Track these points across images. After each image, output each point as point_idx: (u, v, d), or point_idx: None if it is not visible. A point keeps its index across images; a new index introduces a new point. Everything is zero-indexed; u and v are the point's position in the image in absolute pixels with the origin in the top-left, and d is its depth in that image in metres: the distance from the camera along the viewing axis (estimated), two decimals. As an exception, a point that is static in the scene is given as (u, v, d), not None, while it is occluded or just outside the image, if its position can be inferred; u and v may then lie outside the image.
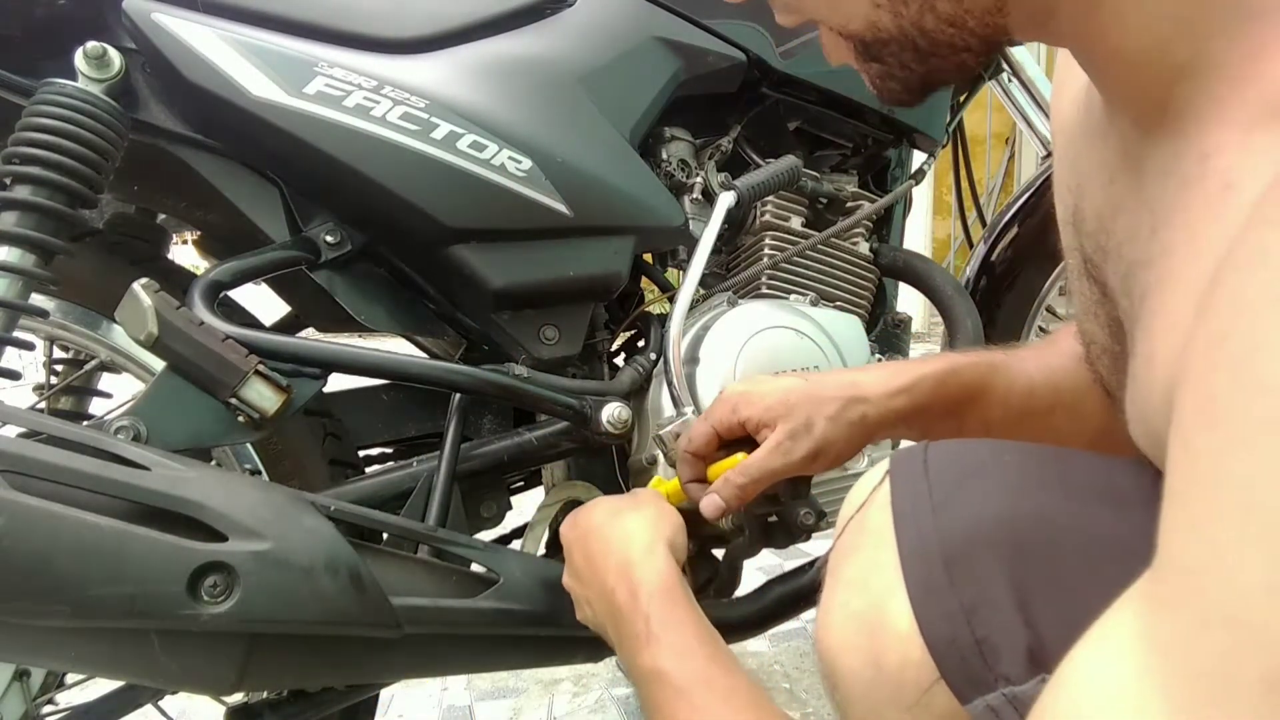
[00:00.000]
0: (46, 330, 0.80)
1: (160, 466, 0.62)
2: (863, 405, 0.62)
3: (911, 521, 0.49)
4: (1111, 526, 0.45)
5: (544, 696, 1.37)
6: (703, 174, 0.93)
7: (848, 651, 0.48)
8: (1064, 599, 0.43)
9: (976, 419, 0.64)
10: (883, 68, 0.41)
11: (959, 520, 0.47)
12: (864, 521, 0.53)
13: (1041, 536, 0.46)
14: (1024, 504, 0.47)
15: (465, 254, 0.79)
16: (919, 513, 0.49)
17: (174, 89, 0.74)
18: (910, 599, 0.45)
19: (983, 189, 3.39)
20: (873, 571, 0.49)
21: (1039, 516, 0.47)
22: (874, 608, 0.47)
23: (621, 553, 0.59)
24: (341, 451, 0.88)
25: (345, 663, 0.71)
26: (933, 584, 0.45)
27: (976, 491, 0.49)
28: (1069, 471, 0.51)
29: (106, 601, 0.58)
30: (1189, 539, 0.25)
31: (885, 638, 0.46)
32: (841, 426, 0.62)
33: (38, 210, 0.66)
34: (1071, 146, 0.45)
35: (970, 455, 0.53)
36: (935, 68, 0.39)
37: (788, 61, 0.94)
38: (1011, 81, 1.23)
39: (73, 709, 0.85)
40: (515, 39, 0.83)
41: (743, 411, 0.64)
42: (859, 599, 0.49)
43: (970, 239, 1.38)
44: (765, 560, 1.69)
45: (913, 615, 0.45)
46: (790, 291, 0.98)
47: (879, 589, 0.47)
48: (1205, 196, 0.31)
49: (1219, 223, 0.29)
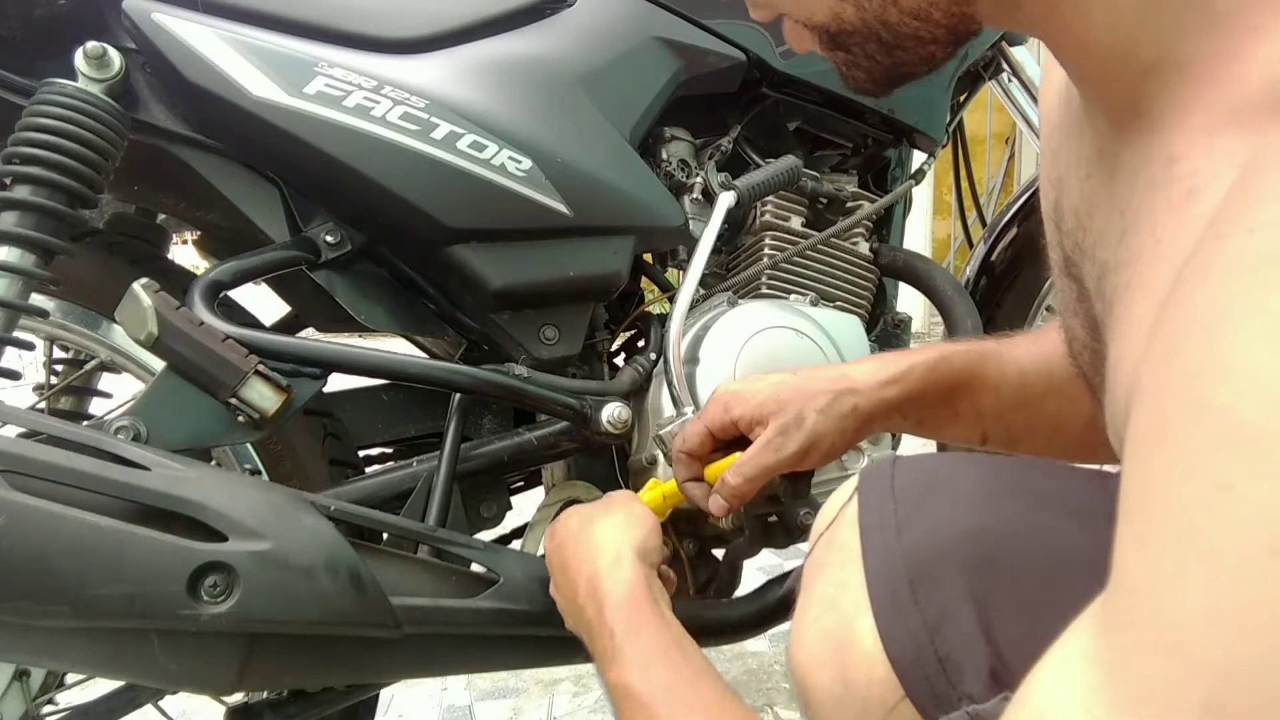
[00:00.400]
0: (46, 330, 0.80)
1: (160, 466, 0.62)
2: (854, 396, 0.62)
3: (877, 539, 0.50)
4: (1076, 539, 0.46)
5: (544, 696, 1.37)
6: (703, 174, 0.93)
7: (817, 668, 0.49)
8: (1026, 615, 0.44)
9: (969, 406, 0.64)
10: (848, 57, 0.40)
11: (923, 538, 0.48)
12: (833, 538, 0.53)
13: (1005, 552, 0.46)
14: (988, 520, 0.48)
15: (465, 254, 0.79)
16: (884, 530, 0.50)
17: (174, 89, 0.74)
18: (875, 617, 0.46)
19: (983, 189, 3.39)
20: (840, 589, 0.50)
21: (1002, 532, 0.47)
22: (842, 625, 0.48)
23: (590, 565, 0.58)
24: (341, 451, 0.88)
25: (345, 663, 0.71)
26: (897, 602, 0.46)
27: (941, 508, 0.50)
28: (1036, 484, 0.52)
29: (106, 601, 0.58)
30: (1135, 559, 0.25)
31: (852, 655, 0.47)
32: (833, 419, 0.62)
33: (38, 210, 0.66)
34: (1053, 138, 0.45)
35: (936, 470, 0.54)
36: (901, 60, 0.39)
37: (788, 61, 0.94)
38: (1011, 81, 1.23)
39: (73, 709, 0.85)
40: (515, 39, 0.83)
41: (735, 410, 0.64)
42: (828, 616, 0.50)
43: (970, 239, 1.38)
44: (765, 560, 1.69)
45: (878, 633, 0.46)
46: (790, 291, 0.98)
47: (846, 607, 0.48)
48: (1169, 202, 0.30)
49: (1182, 229, 0.29)
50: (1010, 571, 0.46)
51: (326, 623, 0.64)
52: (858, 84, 0.42)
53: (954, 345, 0.65)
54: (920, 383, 0.63)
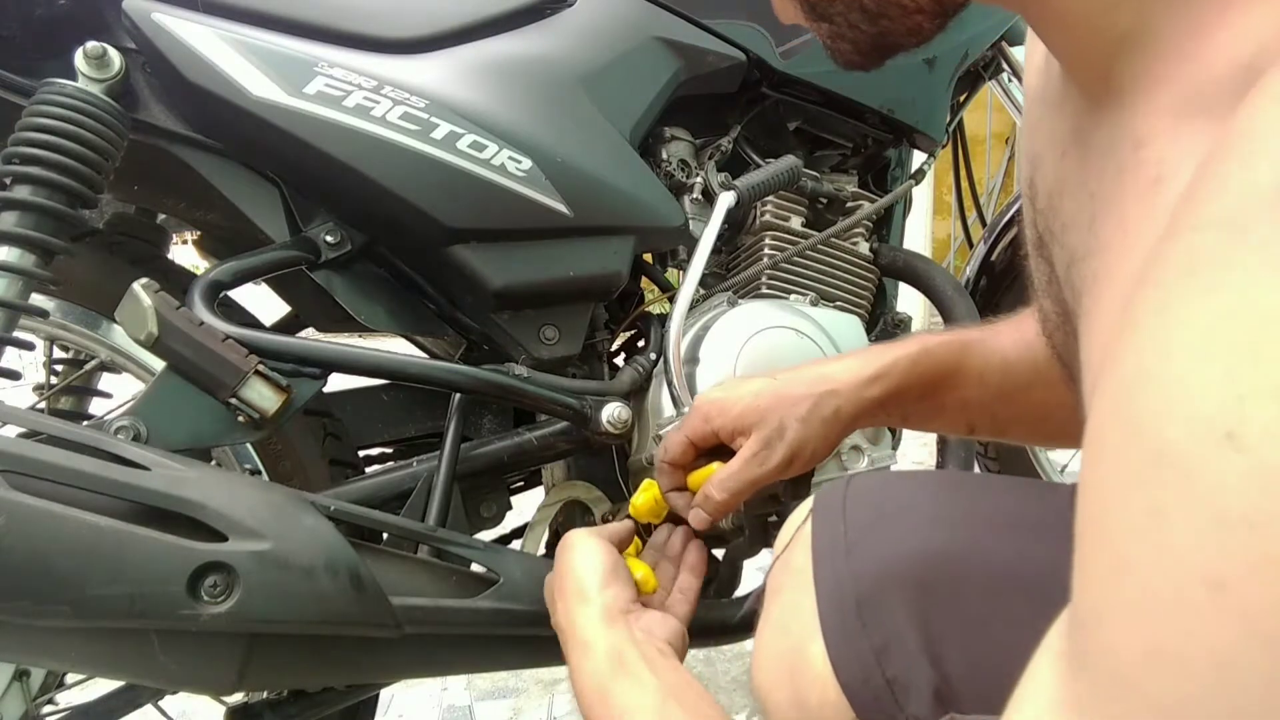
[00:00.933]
0: (46, 330, 0.81)
1: (160, 466, 0.62)
2: (835, 399, 0.61)
3: (828, 563, 0.51)
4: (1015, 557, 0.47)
5: (544, 696, 1.37)
6: (703, 174, 0.93)
7: (775, 689, 0.50)
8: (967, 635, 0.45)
9: (954, 399, 0.63)
10: (832, 27, 0.39)
11: (870, 562, 0.49)
12: (788, 560, 0.54)
13: (945, 574, 0.48)
14: (931, 542, 0.49)
15: (465, 254, 0.79)
16: (834, 554, 0.51)
17: (174, 89, 0.74)
18: (825, 641, 0.48)
19: (983, 189, 3.39)
20: (794, 613, 0.51)
21: (948, 554, 0.48)
22: (795, 649, 0.49)
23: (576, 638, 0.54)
24: (341, 451, 0.88)
25: (345, 663, 0.71)
26: (846, 627, 0.47)
27: (890, 531, 0.51)
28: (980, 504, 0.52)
29: (106, 601, 0.58)
30: (1082, 589, 0.24)
31: (805, 678, 0.48)
32: (815, 425, 0.61)
33: (38, 210, 0.66)
34: (1033, 112, 0.44)
35: (886, 493, 0.54)
36: (886, 29, 0.38)
37: (788, 61, 0.94)
38: (1011, 81, 1.23)
39: (73, 709, 0.85)
40: (515, 39, 0.83)
41: (715, 421, 0.63)
42: (783, 639, 0.51)
43: (970, 239, 1.38)
44: (765, 560, 1.69)
45: (828, 657, 0.47)
46: (790, 291, 0.98)
47: (799, 630, 0.49)
48: (1137, 189, 0.29)
49: (1148, 220, 0.27)
50: (952, 593, 0.47)
51: (326, 623, 0.64)
52: (845, 57, 0.41)
53: (935, 337, 0.63)
54: (903, 379, 0.61)
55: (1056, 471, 1.57)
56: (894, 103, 1.01)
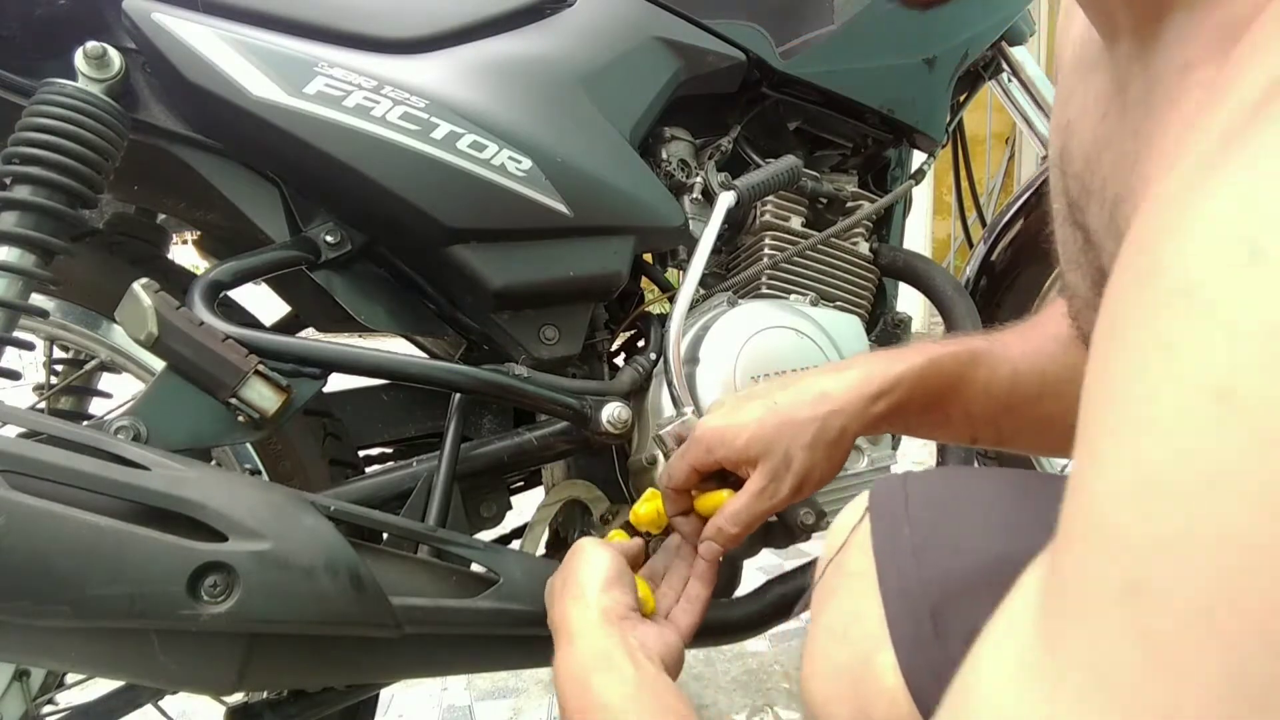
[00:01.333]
0: (46, 330, 0.81)
1: (160, 466, 0.62)
2: (839, 418, 0.60)
3: (893, 567, 0.48)
4: None
5: (544, 696, 1.37)
6: (703, 174, 0.93)
7: (834, 703, 0.47)
8: None
9: (959, 410, 0.62)
10: None
11: (942, 564, 0.46)
12: (843, 563, 0.52)
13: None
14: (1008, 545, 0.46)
15: (465, 254, 0.79)
16: (900, 556, 0.48)
17: (174, 89, 0.74)
18: (896, 651, 0.45)
19: (983, 189, 3.39)
20: (854, 620, 0.48)
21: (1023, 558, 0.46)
22: (859, 661, 0.46)
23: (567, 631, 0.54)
24: (341, 451, 0.88)
25: (345, 663, 0.71)
26: (919, 637, 0.44)
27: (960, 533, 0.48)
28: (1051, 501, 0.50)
29: (106, 601, 0.58)
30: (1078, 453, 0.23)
31: (872, 692, 0.45)
32: (821, 449, 0.60)
33: (38, 210, 0.66)
34: (1067, 83, 0.43)
35: (950, 490, 0.52)
36: None
37: (788, 61, 0.94)
38: (1011, 81, 1.24)
39: (73, 709, 0.85)
40: (515, 39, 0.83)
41: (718, 452, 0.62)
42: (843, 650, 0.48)
43: (970, 239, 1.38)
44: (765, 560, 1.69)
45: (899, 668, 0.44)
46: (790, 291, 0.98)
47: (863, 640, 0.47)
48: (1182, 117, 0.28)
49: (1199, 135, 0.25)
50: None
51: (326, 623, 0.64)
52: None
53: (941, 347, 0.62)
54: (908, 394, 0.60)
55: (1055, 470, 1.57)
56: (894, 103, 1.01)
